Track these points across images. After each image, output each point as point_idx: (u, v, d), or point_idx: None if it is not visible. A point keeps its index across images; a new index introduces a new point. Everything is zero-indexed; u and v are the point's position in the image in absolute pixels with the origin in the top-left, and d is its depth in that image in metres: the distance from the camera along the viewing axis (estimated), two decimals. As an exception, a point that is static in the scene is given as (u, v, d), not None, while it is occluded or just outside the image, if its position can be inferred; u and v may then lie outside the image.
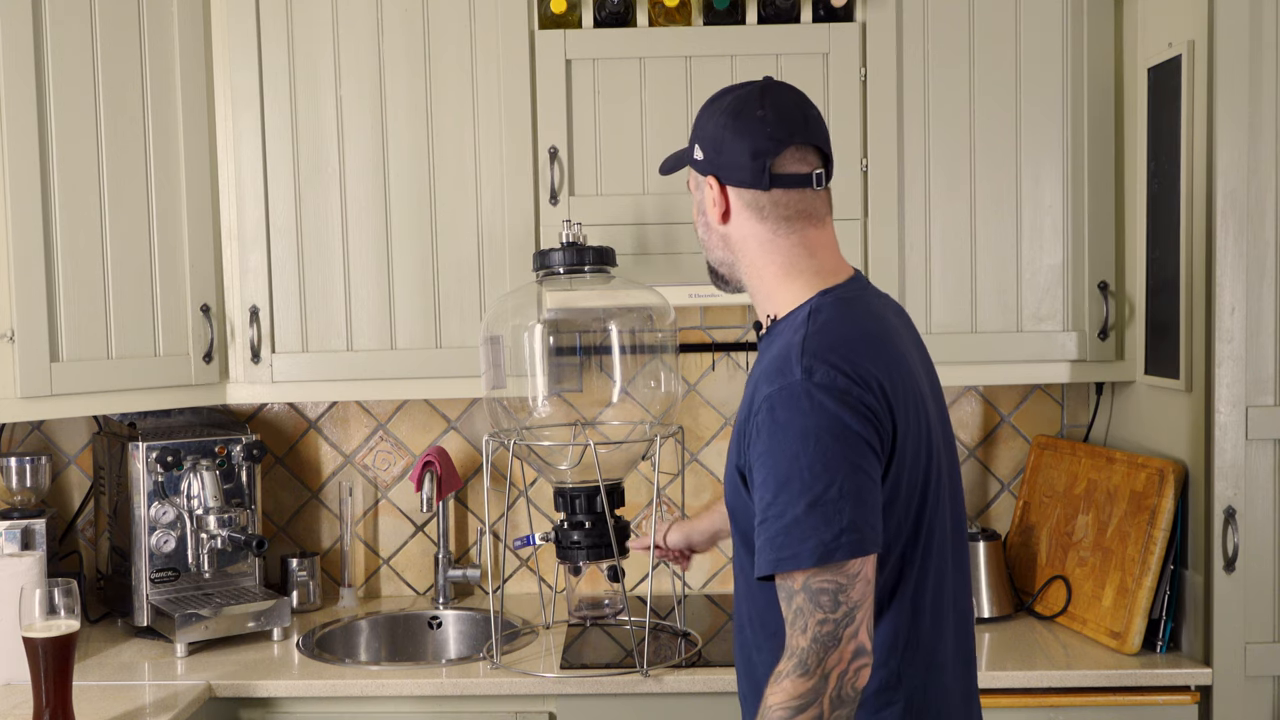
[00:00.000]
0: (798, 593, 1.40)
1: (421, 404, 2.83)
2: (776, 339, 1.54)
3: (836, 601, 1.39)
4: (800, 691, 1.38)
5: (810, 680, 1.38)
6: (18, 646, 2.00)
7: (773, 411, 1.43)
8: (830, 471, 1.40)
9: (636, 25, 2.46)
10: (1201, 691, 2.21)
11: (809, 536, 1.39)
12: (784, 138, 1.55)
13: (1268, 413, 2.17)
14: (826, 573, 1.39)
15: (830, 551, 1.38)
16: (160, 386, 2.41)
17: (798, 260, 1.58)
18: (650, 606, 2.36)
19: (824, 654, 1.38)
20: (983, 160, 2.47)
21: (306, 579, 2.73)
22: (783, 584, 1.42)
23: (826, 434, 1.41)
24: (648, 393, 2.42)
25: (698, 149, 1.61)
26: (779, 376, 1.45)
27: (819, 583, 1.39)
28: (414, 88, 2.47)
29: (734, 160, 1.56)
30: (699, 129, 1.62)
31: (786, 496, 1.40)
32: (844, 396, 1.42)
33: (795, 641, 1.40)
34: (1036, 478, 2.68)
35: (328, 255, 2.49)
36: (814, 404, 1.41)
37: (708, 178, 1.60)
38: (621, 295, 2.40)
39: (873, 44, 2.44)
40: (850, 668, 1.39)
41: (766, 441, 1.43)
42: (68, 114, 2.28)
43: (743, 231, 1.59)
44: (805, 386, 1.42)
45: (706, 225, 1.64)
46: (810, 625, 1.39)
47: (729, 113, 1.57)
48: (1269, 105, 2.15)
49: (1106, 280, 2.47)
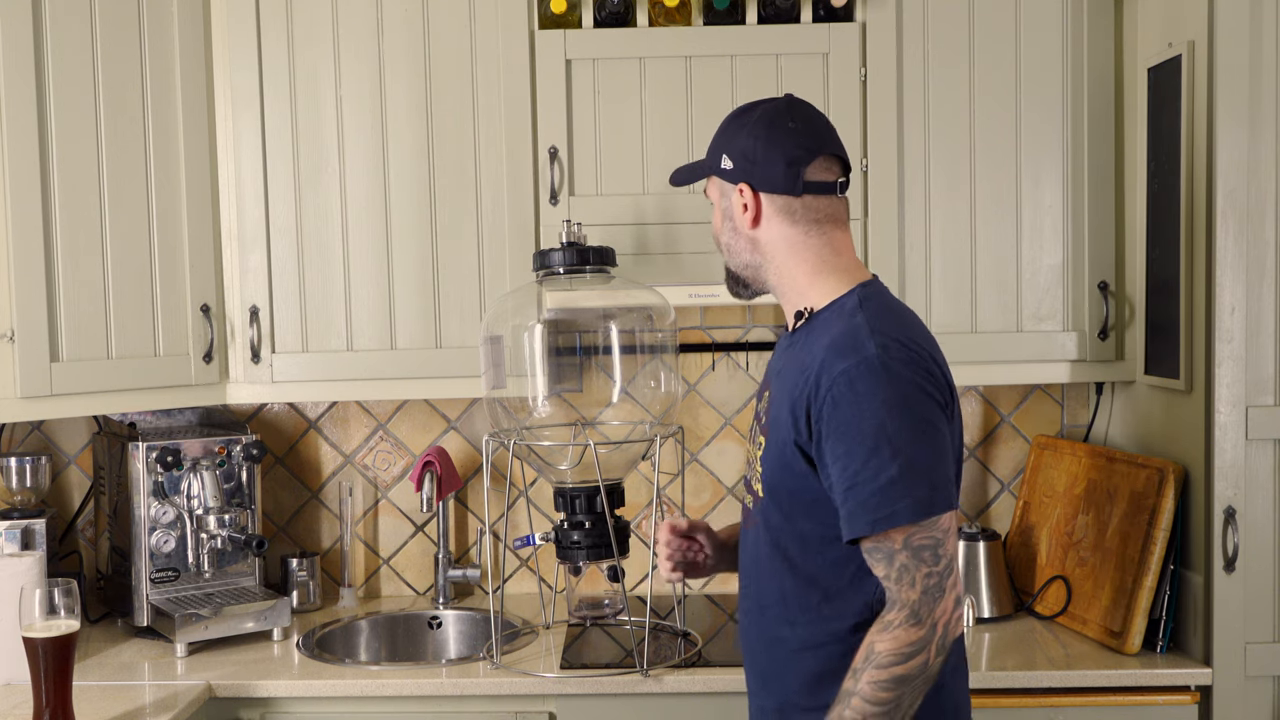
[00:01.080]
0: (899, 551, 1.51)
1: (421, 404, 2.83)
2: (821, 327, 1.64)
3: (937, 555, 1.51)
4: (912, 640, 1.50)
5: (921, 630, 1.50)
6: (18, 646, 2.00)
7: (853, 384, 1.53)
8: (916, 435, 1.51)
9: (636, 25, 2.46)
10: (1201, 691, 2.21)
11: (905, 495, 1.49)
12: (814, 148, 1.67)
13: (1268, 413, 2.17)
14: (924, 529, 1.50)
15: (927, 508, 1.50)
16: (160, 386, 2.42)
17: (827, 259, 1.69)
18: (650, 606, 2.36)
19: (933, 605, 1.50)
20: (983, 160, 2.47)
21: (306, 579, 2.73)
22: (880, 545, 1.52)
23: (909, 401, 1.52)
24: (648, 393, 2.42)
25: (726, 159, 1.70)
26: (851, 353, 1.55)
27: (920, 540, 1.50)
28: (414, 88, 2.47)
29: (769, 168, 1.66)
30: (726, 141, 1.71)
31: (878, 461, 1.50)
32: (918, 367, 1.55)
33: (904, 595, 1.51)
34: (1036, 478, 2.68)
35: (328, 255, 2.49)
36: (892, 375, 1.52)
37: (739, 185, 1.68)
38: (621, 295, 2.40)
39: (873, 44, 2.44)
40: (953, 616, 1.52)
41: (848, 412, 1.53)
42: (68, 114, 2.28)
43: (772, 234, 1.69)
44: (883, 360, 1.53)
45: (734, 230, 1.72)
46: (918, 579, 1.50)
47: (762, 124, 1.68)
48: (1269, 105, 2.15)
49: (1106, 280, 2.47)
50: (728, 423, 2.81)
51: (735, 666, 2.25)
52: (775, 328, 2.81)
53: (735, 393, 2.81)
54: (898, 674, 1.50)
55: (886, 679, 1.50)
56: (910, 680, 1.50)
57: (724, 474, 2.82)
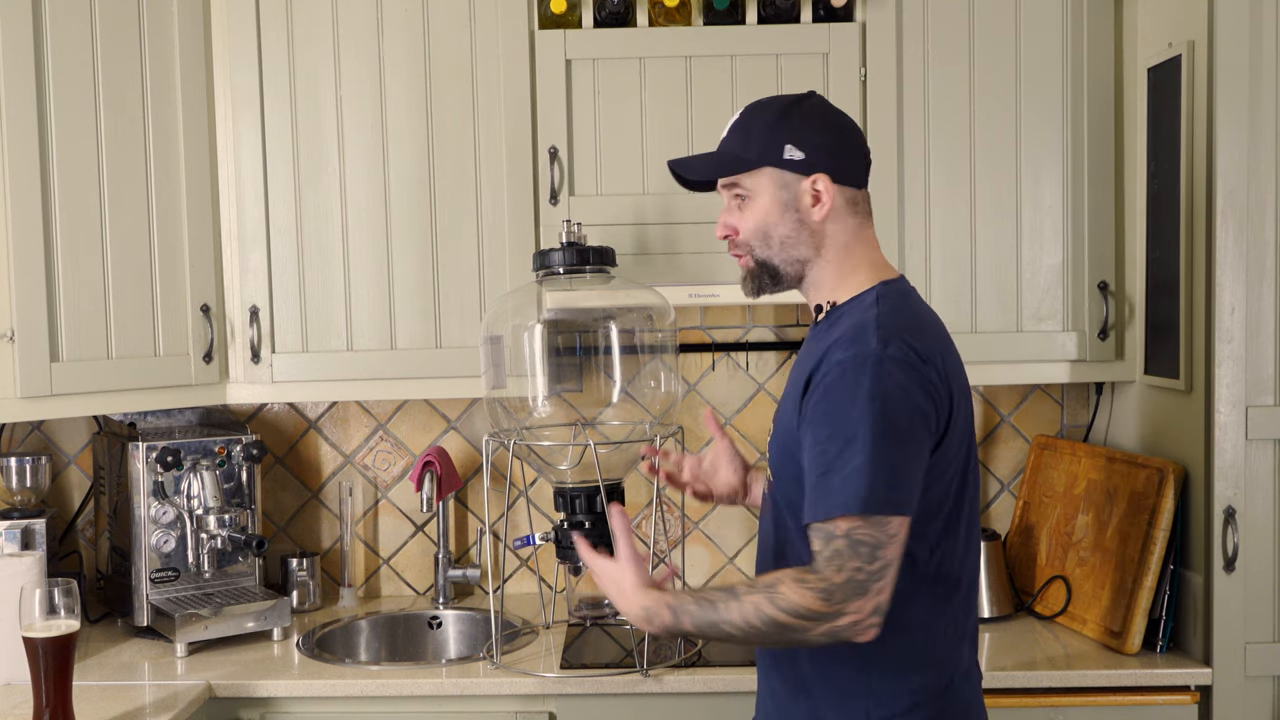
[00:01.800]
0: (839, 537, 1.49)
1: (421, 404, 2.83)
2: (840, 320, 1.64)
3: (874, 555, 1.49)
4: (812, 609, 1.48)
5: (826, 607, 1.48)
6: (18, 646, 2.00)
7: (844, 374, 1.53)
8: (890, 433, 1.50)
9: (636, 25, 2.46)
10: (1201, 691, 2.21)
11: (860, 488, 1.48)
12: (863, 141, 1.72)
13: (1268, 413, 2.17)
14: (869, 525, 1.48)
15: (878, 504, 1.48)
16: (160, 386, 2.42)
17: (868, 253, 1.70)
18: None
19: (849, 596, 1.48)
20: (983, 160, 2.47)
21: (306, 579, 2.73)
22: (823, 528, 1.51)
23: (892, 400, 1.51)
24: (648, 393, 2.42)
25: (793, 149, 1.65)
26: (853, 345, 1.55)
27: (862, 534, 1.49)
28: (414, 88, 2.47)
29: (846, 158, 1.68)
30: (786, 131, 1.66)
31: (849, 451, 1.50)
32: (913, 371, 1.53)
33: (828, 574, 1.49)
34: (1036, 478, 2.68)
35: (328, 255, 2.49)
36: (885, 372, 1.52)
37: (813, 176, 1.65)
38: (621, 295, 2.40)
39: (873, 44, 2.44)
40: (864, 622, 1.49)
41: (834, 399, 1.53)
42: (68, 114, 2.28)
43: (836, 227, 1.68)
44: (879, 355, 1.53)
45: (798, 223, 1.67)
46: (846, 568, 1.48)
47: (828, 116, 1.68)
48: (1269, 105, 2.15)
49: (1106, 280, 2.47)
50: (728, 422, 2.81)
51: (735, 666, 2.26)
52: (775, 327, 2.81)
53: (735, 393, 2.81)
54: (778, 619, 1.50)
55: (767, 615, 1.50)
56: (786, 630, 1.50)
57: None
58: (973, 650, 1.71)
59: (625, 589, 1.64)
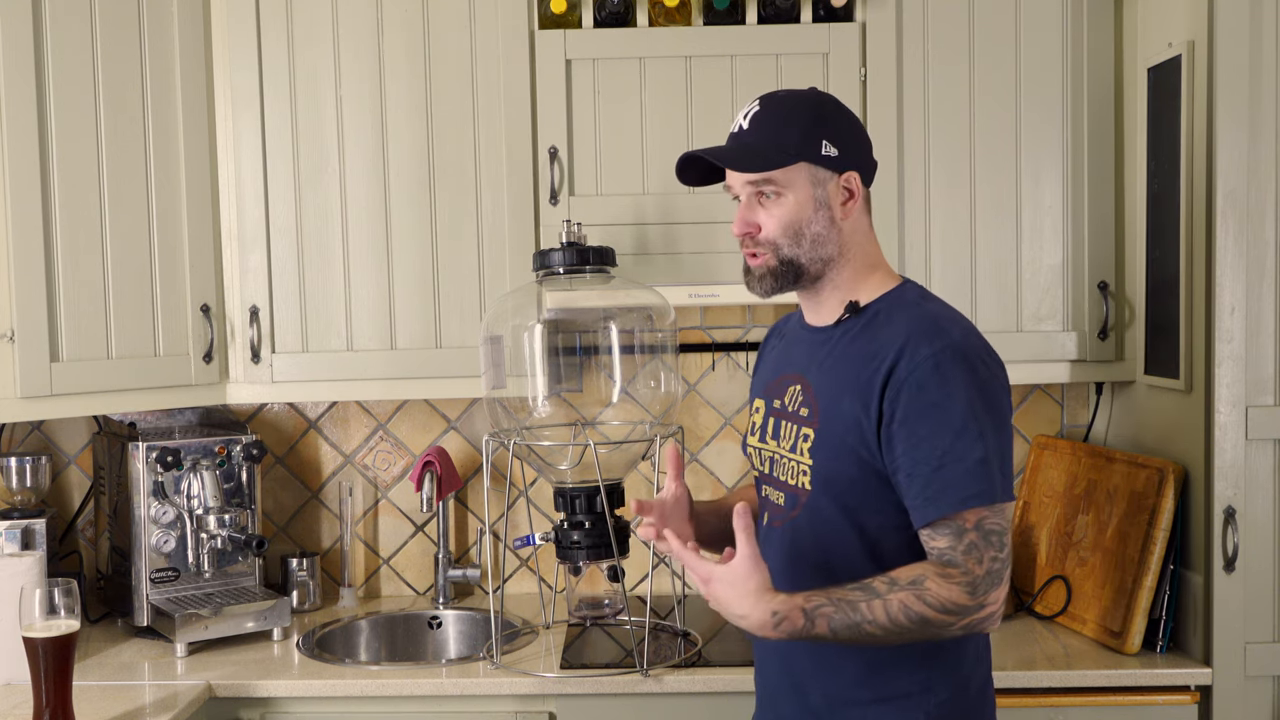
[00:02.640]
0: (970, 530, 1.50)
1: (421, 404, 2.83)
2: (879, 317, 1.63)
3: (1003, 543, 1.50)
4: (959, 603, 1.48)
5: (970, 601, 1.48)
6: (18, 646, 1.99)
7: (938, 368, 1.53)
8: (996, 421, 1.53)
9: (636, 25, 2.46)
10: (1201, 691, 2.21)
11: (988, 478, 1.50)
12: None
13: (1268, 413, 2.17)
14: (996, 514, 1.50)
15: (1004, 494, 1.51)
16: (160, 386, 2.42)
17: (877, 251, 1.72)
18: (650, 606, 2.36)
19: (990, 588, 1.49)
20: (983, 160, 2.47)
21: (306, 579, 2.73)
22: (950, 523, 1.51)
23: (991, 388, 1.55)
24: (648, 393, 2.42)
25: (829, 145, 1.61)
26: (936, 338, 1.55)
27: (991, 524, 1.50)
28: (414, 88, 2.47)
29: (868, 156, 1.68)
30: (825, 126, 1.62)
31: (965, 442, 1.51)
32: (995, 361, 1.59)
33: (971, 568, 1.49)
34: (1036, 478, 2.68)
35: (328, 255, 2.49)
36: (979, 362, 1.55)
37: (845, 173, 1.63)
38: (621, 295, 2.40)
39: (873, 44, 2.44)
40: (998, 612, 1.52)
41: (935, 394, 1.53)
42: (68, 114, 2.28)
43: (855, 225, 1.68)
44: (966, 346, 1.56)
45: (830, 221, 1.64)
46: (985, 559, 1.49)
47: (843, 112, 1.67)
48: (1269, 105, 2.15)
49: (1106, 280, 2.47)
50: (728, 423, 2.81)
51: (735, 666, 2.26)
52: (775, 328, 2.80)
53: (735, 393, 2.81)
54: (927, 616, 1.48)
55: (915, 613, 1.48)
56: (929, 627, 1.49)
57: (724, 474, 2.82)
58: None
59: (749, 591, 1.51)
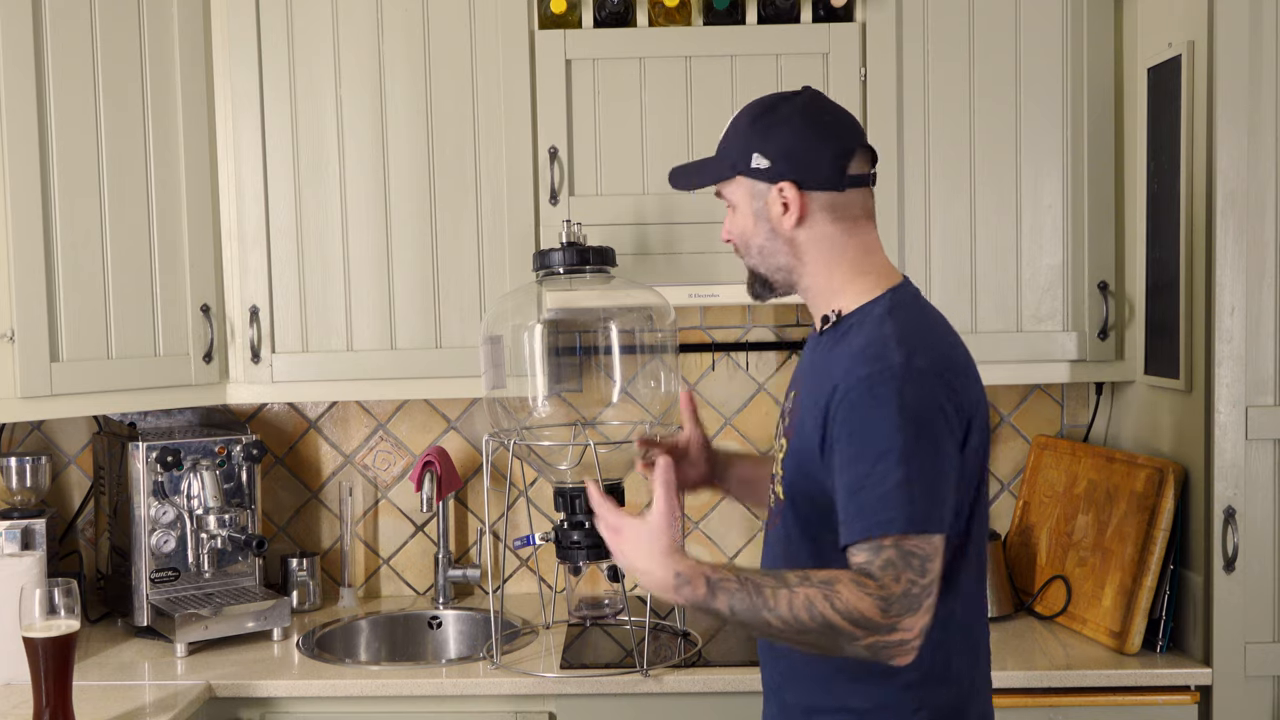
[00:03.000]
0: (888, 548, 1.44)
1: (421, 404, 2.83)
2: (850, 331, 1.59)
3: (925, 569, 1.44)
4: (867, 616, 1.41)
5: (882, 617, 1.42)
6: (18, 646, 1.99)
7: (871, 390, 1.49)
8: (924, 448, 1.46)
9: (636, 25, 2.46)
10: (1201, 691, 2.21)
11: (905, 504, 1.44)
12: (852, 140, 1.63)
13: (1268, 413, 2.17)
14: (917, 540, 1.44)
15: (922, 523, 1.44)
16: (160, 386, 2.42)
17: (862, 259, 1.64)
18: (650, 606, 2.36)
19: (905, 611, 1.42)
20: (983, 160, 2.47)
21: (306, 579, 2.73)
22: (867, 544, 1.45)
23: (924, 413, 1.48)
24: (648, 393, 2.42)
25: (759, 158, 1.61)
26: (876, 360, 1.51)
27: (911, 545, 1.44)
28: (414, 88, 2.47)
29: (816, 164, 1.60)
30: (756, 139, 1.62)
31: (884, 467, 1.45)
32: (939, 381, 1.50)
33: (888, 584, 1.42)
34: (1036, 477, 2.68)
35: (328, 255, 2.49)
36: (914, 386, 1.48)
37: (779, 184, 1.61)
38: (621, 295, 2.40)
39: (873, 44, 2.44)
40: (911, 643, 1.44)
41: (862, 415, 1.49)
42: (68, 114, 2.28)
43: (815, 234, 1.62)
44: (905, 369, 1.49)
45: (771, 232, 1.63)
46: (903, 579, 1.43)
47: (801, 118, 1.62)
48: (1269, 105, 2.15)
49: (1106, 280, 2.47)
50: (728, 423, 2.81)
51: (735, 666, 2.26)
52: (775, 327, 2.81)
53: (735, 393, 2.81)
54: (831, 620, 1.41)
55: (819, 614, 1.42)
56: (833, 634, 1.42)
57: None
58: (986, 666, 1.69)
59: (657, 550, 1.49)
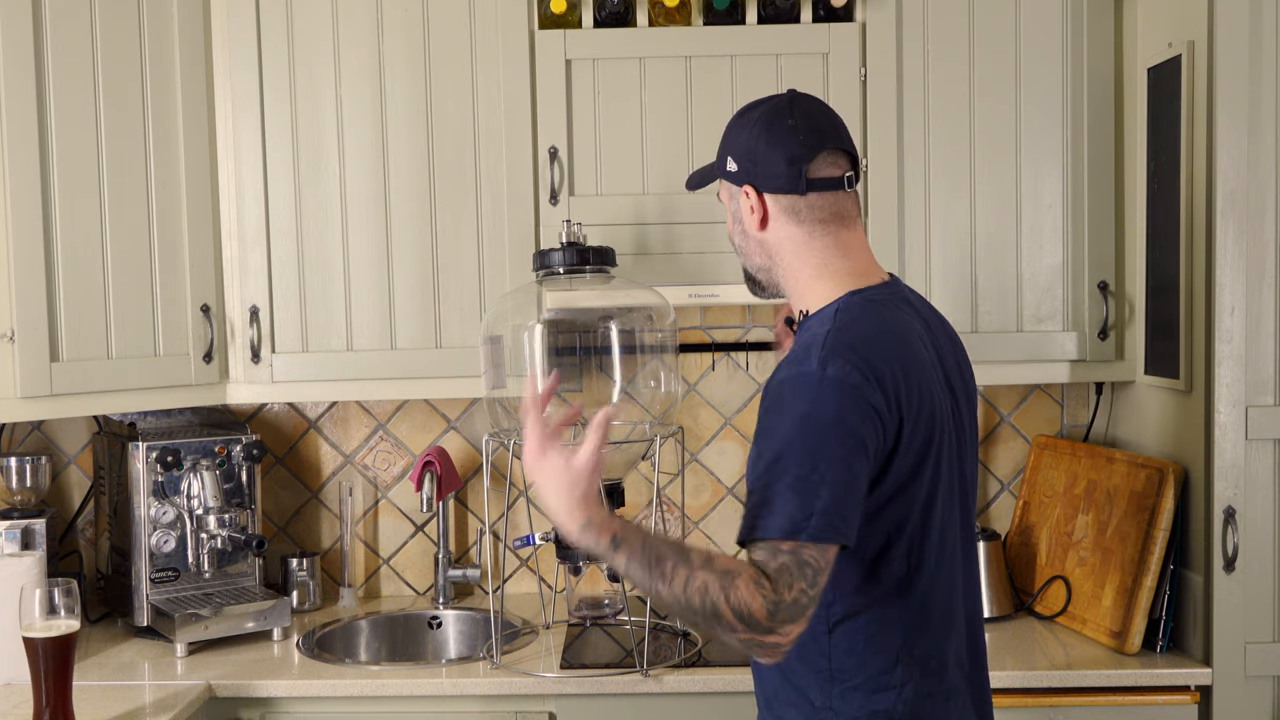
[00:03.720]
0: (786, 554, 1.42)
1: (421, 404, 2.83)
2: (804, 333, 1.61)
3: (815, 580, 1.43)
4: (755, 617, 1.40)
5: (768, 620, 1.40)
6: (18, 646, 2.00)
7: (781, 396, 1.50)
8: (816, 458, 1.44)
9: (636, 25, 2.46)
10: (1201, 691, 2.21)
11: (782, 511, 1.43)
12: (815, 144, 1.62)
13: (1268, 413, 2.17)
14: (814, 550, 1.42)
15: (798, 529, 1.42)
16: (160, 386, 2.42)
17: (831, 261, 1.64)
18: (650, 606, 2.36)
19: (790, 619, 1.41)
20: (983, 160, 2.47)
21: (306, 579, 2.73)
22: (765, 545, 1.44)
23: (825, 424, 1.46)
24: (648, 393, 2.42)
25: (730, 161, 1.68)
26: (795, 365, 1.52)
27: (807, 555, 1.42)
28: (414, 88, 2.47)
29: (771, 168, 1.63)
30: (730, 143, 1.69)
31: (773, 473, 1.45)
32: (852, 393, 1.47)
33: (781, 591, 1.41)
34: (1036, 477, 2.68)
35: (328, 255, 2.49)
36: (820, 395, 1.47)
37: (744, 187, 1.66)
38: (621, 295, 2.40)
39: (873, 44, 2.44)
40: (784, 647, 1.43)
41: (770, 420, 1.50)
42: (68, 114, 2.28)
43: (779, 235, 1.65)
44: (818, 377, 1.48)
45: (744, 233, 1.70)
46: (795, 588, 1.41)
47: (761, 124, 1.64)
48: (1269, 105, 2.15)
49: (1106, 280, 2.47)
50: (727, 423, 2.81)
51: (735, 666, 2.26)
52: (775, 328, 2.80)
53: (735, 393, 2.81)
54: (721, 612, 1.40)
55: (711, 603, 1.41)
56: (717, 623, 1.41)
57: (724, 474, 2.82)
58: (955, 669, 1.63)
59: (576, 491, 1.51)
